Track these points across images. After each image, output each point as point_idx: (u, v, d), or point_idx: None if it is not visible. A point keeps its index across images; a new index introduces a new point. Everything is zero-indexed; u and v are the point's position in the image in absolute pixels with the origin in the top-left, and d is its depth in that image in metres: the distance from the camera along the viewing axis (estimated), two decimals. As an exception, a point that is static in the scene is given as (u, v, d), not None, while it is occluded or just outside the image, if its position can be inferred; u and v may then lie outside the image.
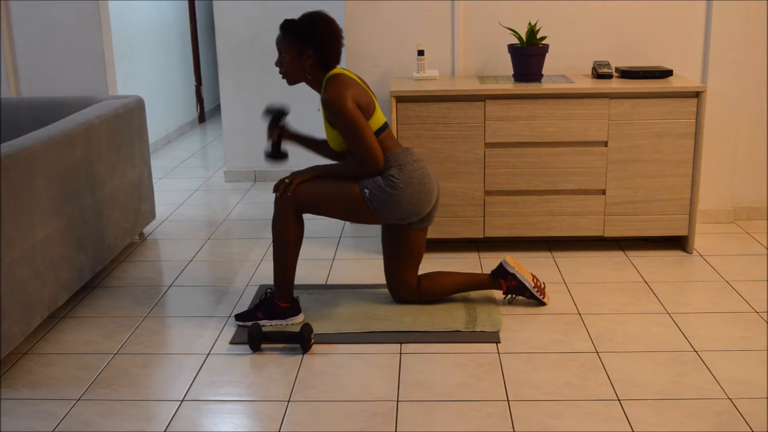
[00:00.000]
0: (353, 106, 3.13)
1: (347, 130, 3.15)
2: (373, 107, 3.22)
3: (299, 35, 3.17)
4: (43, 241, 3.19)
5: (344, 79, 3.18)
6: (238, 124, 5.79)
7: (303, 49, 3.17)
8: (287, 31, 3.20)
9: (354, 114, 3.12)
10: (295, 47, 3.18)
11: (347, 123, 3.13)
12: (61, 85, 5.00)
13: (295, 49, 3.18)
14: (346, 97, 3.12)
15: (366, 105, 3.19)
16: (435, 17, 4.36)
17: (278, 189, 3.23)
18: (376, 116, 3.23)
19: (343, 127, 3.15)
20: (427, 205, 3.29)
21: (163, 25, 7.47)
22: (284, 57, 3.21)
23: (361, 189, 3.21)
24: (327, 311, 3.43)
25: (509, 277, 3.44)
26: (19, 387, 2.88)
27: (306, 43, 3.17)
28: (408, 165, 3.23)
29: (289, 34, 3.19)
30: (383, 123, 3.26)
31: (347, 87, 3.15)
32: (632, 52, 4.36)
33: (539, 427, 2.56)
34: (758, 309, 3.42)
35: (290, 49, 3.19)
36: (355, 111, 3.13)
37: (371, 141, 3.16)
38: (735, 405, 2.66)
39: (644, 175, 4.01)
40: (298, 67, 3.21)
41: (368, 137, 3.15)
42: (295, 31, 3.18)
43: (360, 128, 3.14)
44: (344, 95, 3.12)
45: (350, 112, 3.12)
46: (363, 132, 3.14)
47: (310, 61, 3.19)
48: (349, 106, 3.12)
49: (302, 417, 2.65)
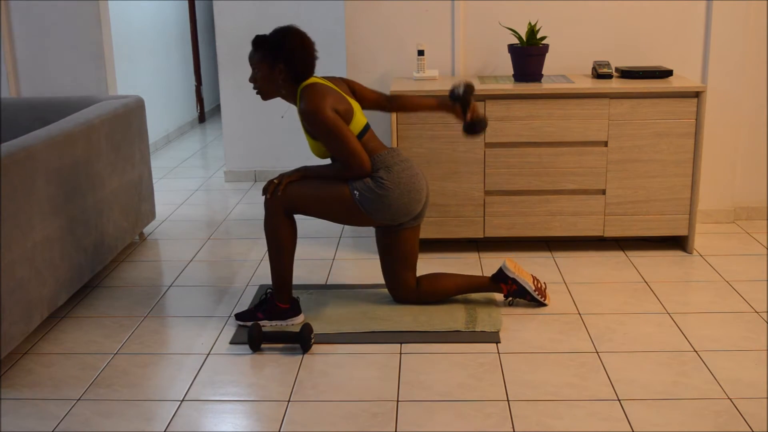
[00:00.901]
0: (332, 113, 3.12)
1: (329, 138, 3.14)
2: (351, 112, 3.21)
3: (269, 50, 3.17)
4: (43, 241, 3.19)
5: (319, 89, 3.17)
6: (238, 124, 5.79)
7: (274, 64, 3.17)
8: (257, 47, 3.20)
9: (334, 121, 3.11)
10: (267, 62, 3.18)
11: (328, 131, 3.12)
12: (61, 85, 5.00)
13: (267, 64, 3.18)
14: (324, 106, 3.11)
15: (344, 111, 3.18)
16: (435, 17, 4.36)
17: (267, 190, 3.23)
18: (356, 120, 3.22)
19: (324, 136, 3.14)
20: (417, 204, 3.28)
21: (163, 25, 7.47)
22: (257, 73, 3.22)
23: (351, 191, 3.20)
24: (327, 311, 3.43)
25: (509, 282, 3.43)
26: (19, 387, 2.88)
27: (277, 57, 3.16)
28: (395, 165, 3.22)
29: (260, 50, 3.19)
30: (364, 125, 3.25)
31: (323, 96, 3.14)
32: (632, 52, 4.36)
33: (539, 427, 2.56)
34: (758, 309, 3.42)
35: (262, 64, 3.19)
36: (334, 118, 3.12)
37: (355, 146, 3.15)
38: (735, 405, 2.66)
39: (644, 175, 4.01)
40: (271, 81, 3.21)
41: (351, 143, 3.15)
42: (265, 47, 3.18)
43: (342, 135, 3.13)
44: (322, 104, 3.11)
45: (330, 121, 3.11)
46: (346, 138, 3.13)
47: (282, 75, 3.18)
48: (328, 114, 3.11)
49: (302, 417, 2.65)
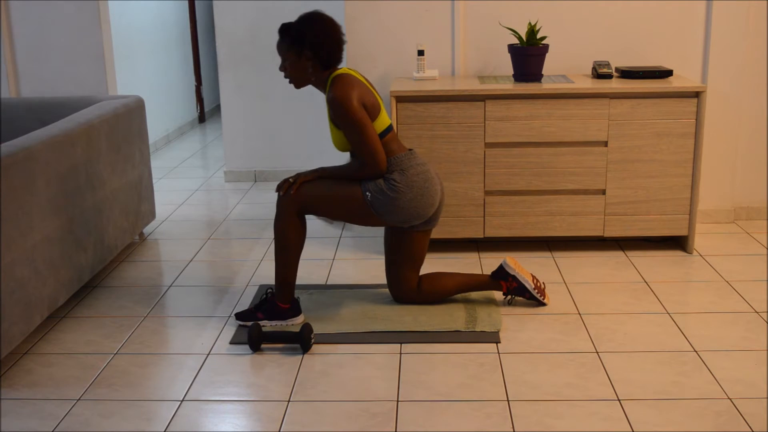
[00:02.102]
0: (358, 105, 3.13)
1: (351, 129, 3.15)
2: (378, 109, 3.22)
3: (295, 37, 3.17)
4: (43, 241, 3.19)
5: (349, 79, 3.18)
6: (238, 124, 5.79)
7: (301, 51, 3.17)
8: (284, 35, 3.20)
9: (359, 113, 3.12)
10: (294, 50, 3.18)
11: (352, 122, 3.13)
12: (61, 85, 5.00)
13: (294, 52, 3.18)
14: (352, 96, 3.12)
15: (371, 106, 3.19)
16: (435, 17, 4.36)
17: (281, 188, 3.23)
18: (381, 118, 3.23)
19: (347, 126, 3.15)
20: (429, 209, 3.28)
21: (163, 26, 7.47)
22: (285, 62, 3.22)
23: (363, 191, 3.21)
24: (327, 311, 3.43)
25: (510, 279, 3.43)
26: (19, 387, 2.88)
27: (302, 44, 3.16)
28: (411, 169, 3.22)
29: (286, 38, 3.19)
30: (388, 125, 3.26)
31: (352, 86, 3.15)
32: (632, 52, 4.36)
33: (539, 427, 2.56)
34: (758, 309, 3.42)
35: (289, 53, 3.19)
36: (360, 110, 3.13)
37: (374, 142, 3.16)
38: (735, 405, 2.66)
39: (644, 175, 4.01)
40: (300, 69, 3.21)
41: (372, 138, 3.15)
42: (291, 34, 3.18)
43: (364, 128, 3.14)
44: (350, 94, 3.12)
45: (355, 111, 3.12)
46: (367, 132, 3.14)
47: (310, 62, 3.19)
48: (354, 105, 3.12)
49: (302, 417, 2.65)
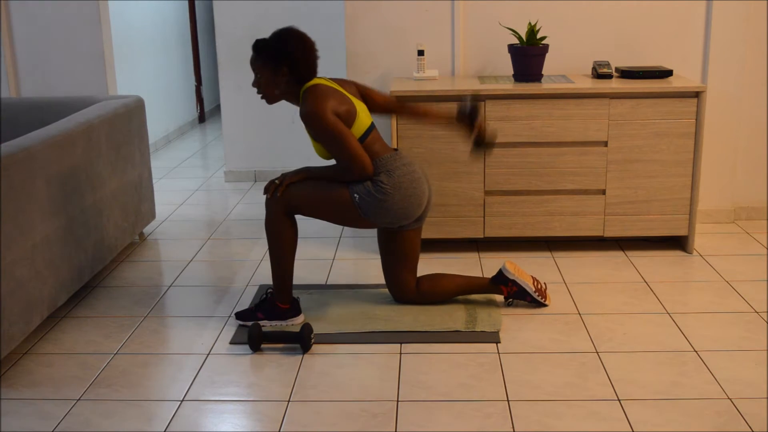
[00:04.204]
0: (332, 116, 3.11)
1: (330, 141, 3.13)
2: (354, 113, 3.19)
3: (272, 54, 3.16)
4: (43, 241, 3.19)
5: (321, 90, 3.16)
6: (238, 124, 5.79)
7: (277, 68, 3.16)
8: (260, 52, 3.18)
9: (334, 124, 3.10)
10: (270, 67, 3.17)
11: (329, 134, 3.11)
12: (61, 85, 5.00)
13: (270, 68, 3.17)
14: (325, 108, 3.10)
15: (346, 113, 3.16)
16: (435, 17, 4.36)
17: (268, 190, 3.23)
18: (359, 122, 3.20)
19: (325, 139, 3.14)
20: (417, 209, 3.28)
21: (163, 26, 7.47)
22: (260, 78, 3.21)
23: (351, 194, 3.19)
24: (327, 311, 3.43)
25: (510, 284, 3.42)
26: (19, 387, 2.88)
27: (279, 61, 3.15)
28: (397, 170, 3.21)
29: (261, 55, 3.18)
30: (368, 126, 3.23)
31: (325, 98, 3.13)
32: (632, 52, 4.36)
33: (539, 427, 2.56)
34: (758, 309, 3.42)
35: (264, 69, 3.18)
36: (335, 122, 3.11)
37: (356, 149, 3.13)
38: (735, 405, 2.66)
39: (644, 175, 4.01)
40: (275, 85, 3.20)
41: (352, 146, 3.13)
42: (268, 51, 3.17)
43: (342, 138, 3.12)
44: (322, 107, 3.10)
45: (330, 124, 3.10)
46: (346, 141, 3.12)
47: (286, 78, 3.18)
48: (328, 118, 3.10)
49: (302, 417, 2.65)
